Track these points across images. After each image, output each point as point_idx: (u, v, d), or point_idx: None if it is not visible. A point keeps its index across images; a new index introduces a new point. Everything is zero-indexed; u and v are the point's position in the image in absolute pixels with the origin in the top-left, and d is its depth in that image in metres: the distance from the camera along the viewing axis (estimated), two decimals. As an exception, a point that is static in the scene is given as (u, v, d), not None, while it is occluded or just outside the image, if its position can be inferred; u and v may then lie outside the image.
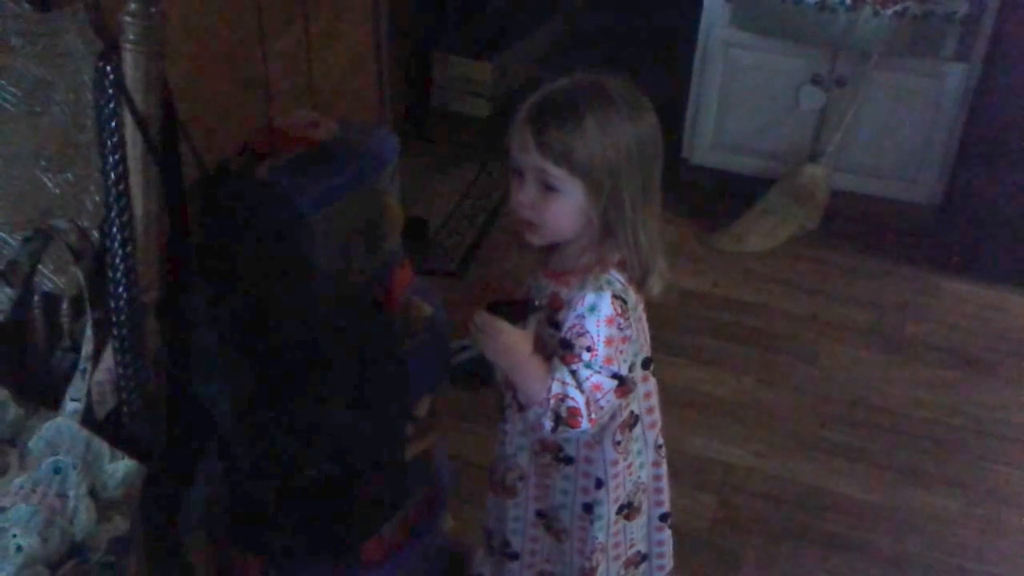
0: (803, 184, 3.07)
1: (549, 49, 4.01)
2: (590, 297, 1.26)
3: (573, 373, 1.27)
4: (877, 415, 2.42)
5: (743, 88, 3.09)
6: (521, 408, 1.41)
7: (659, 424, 1.49)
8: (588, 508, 1.46)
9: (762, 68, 3.04)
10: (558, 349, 1.30)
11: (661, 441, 1.51)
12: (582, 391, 1.26)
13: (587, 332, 1.26)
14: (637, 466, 1.46)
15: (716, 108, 3.15)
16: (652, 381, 1.46)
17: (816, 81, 3.00)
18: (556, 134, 1.21)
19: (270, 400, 1.15)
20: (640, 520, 1.52)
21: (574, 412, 1.26)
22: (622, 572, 1.55)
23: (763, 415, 2.40)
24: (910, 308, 2.82)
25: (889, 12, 2.76)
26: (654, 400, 1.48)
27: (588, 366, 1.26)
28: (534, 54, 3.93)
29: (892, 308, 2.82)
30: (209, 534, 1.27)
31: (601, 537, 1.47)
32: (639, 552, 1.56)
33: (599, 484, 1.43)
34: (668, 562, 1.62)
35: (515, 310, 1.29)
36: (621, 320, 1.27)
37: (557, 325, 1.31)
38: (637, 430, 1.44)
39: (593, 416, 1.27)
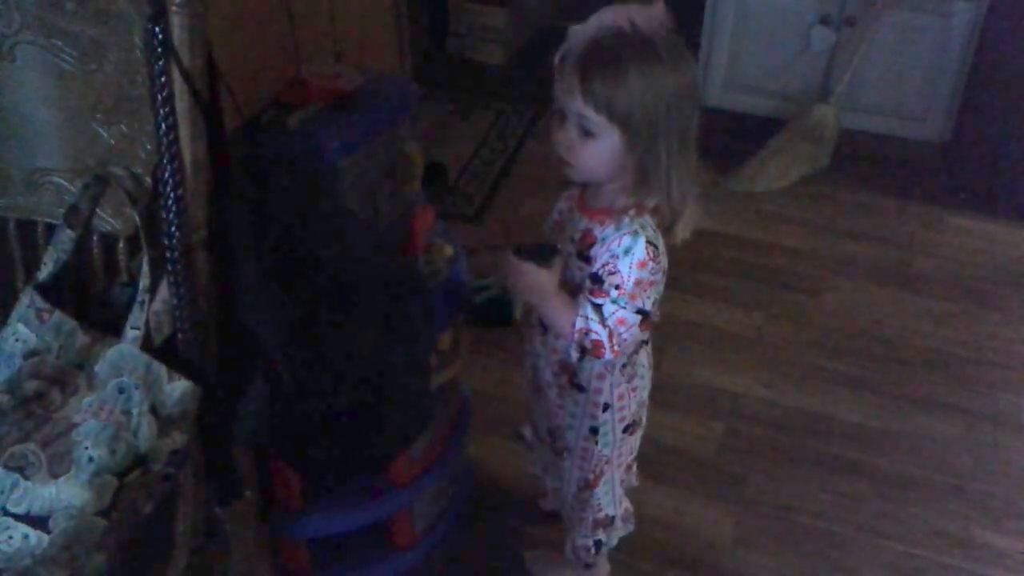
0: (814, 124, 3.13)
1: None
2: (626, 240, 1.35)
3: (598, 308, 1.36)
4: (881, 346, 2.50)
5: (754, 30, 3.14)
6: (544, 331, 1.53)
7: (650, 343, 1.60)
8: (594, 431, 1.57)
9: (773, 9, 3.09)
10: (587, 282, 1.39)
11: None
12: (605, 325, 1.36)
13: (618, 271, 1.35)
14: (641, 387, 1.57)
15: (728, 50, 3.20)
16: None
17: (826, 21, 3.05)
18: (600, 83, 1.27)
19: (308, 330, 1.27)
20: (639, 433, 1.64)
21: (597, 344, 1.37)
22: (623, 476, 1.69)
23: (771, 348, 2.50)
24: (917, 243, 2.89)
25: (897, -49, 2.79)
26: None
27: (614, 302, 1.36)
28: (550, 1, 3.98)
29: (900, 243, 2.89)
30: (256, 449, 1.40)
31: (607, 452, 1.59)
32: (634, 457, 1.70)
33: (606, 408, 1.54)
34: None
35: (540, 253, 1.39)
36: (652, 264, 1.35)
37: (588, 259, 1.40)
38: (642, 354, 1.54)
39: (616, 348, 1.38)
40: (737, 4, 3.12)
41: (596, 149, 1.32)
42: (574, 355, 1.41)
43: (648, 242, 1.35)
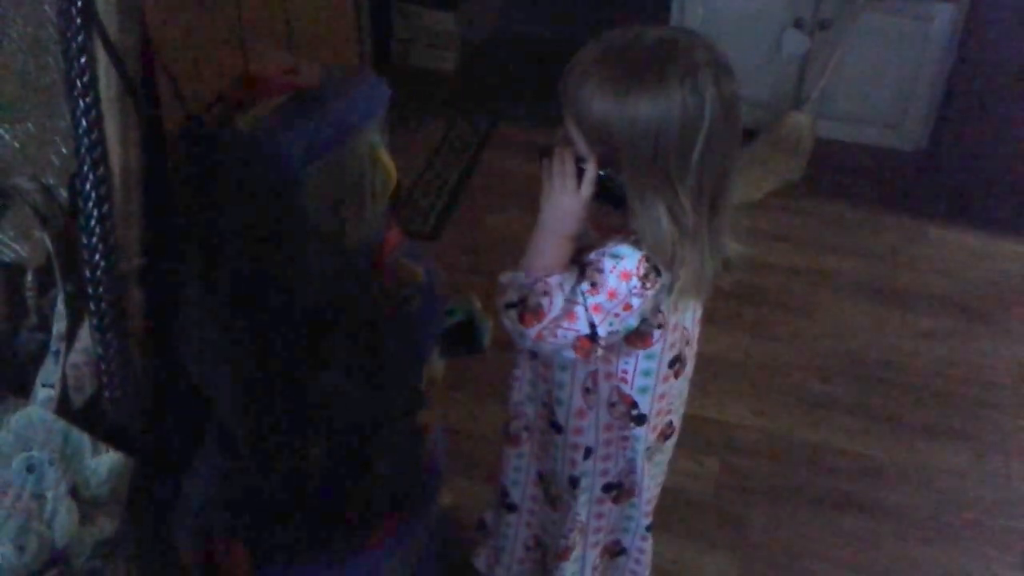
0: (787, 133, 3.00)
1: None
2: (622, 248, 1.15)
3: (583, 294, 1.16)
4: (875, 368, 2.37)
5: (724, 34, 2.97)
6: (533, 356, 1.34)
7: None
8: (574, 482, 1.40)
9: (743, 13, 2.97)
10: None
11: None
12: (560, 307, 1.16)
13: (602, 271, 1.15)
14: (635, 439, 1.37)
15: (695, 55, 3.05)
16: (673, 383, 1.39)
17: (799, 24, 2.93)
18: (571, 82, 1.13)
19: (272, 377, 1.02)
20: (629, 511, 1.46)
21: (538, 313, 1.17)
22: (597, 562, 1.49)
23: (760, 372, 2.35)
24: (900, 257, 2.77)
25: (876, -49, 2.67)
26: (667, 403, 1.41)
27: (583, 295, 1.16)
28: (501, 2, 3.77)
29: (882, 258, 2.77)
30: (205, 532, 1.14)
31: (583, 515, 1.41)
32: (618, 541, 1.51)
33: (588, 453, 1.37)
34: (646, 570, 1.57)
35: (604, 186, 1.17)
36: (637, 284, 1.15)
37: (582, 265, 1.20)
38: (645, 431, 1.37)
39: (543, 333, 1.17)
40: (704, 6, 2.98)
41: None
42: (509, 297, 1.20)
43: (645, 259, 1.15)
